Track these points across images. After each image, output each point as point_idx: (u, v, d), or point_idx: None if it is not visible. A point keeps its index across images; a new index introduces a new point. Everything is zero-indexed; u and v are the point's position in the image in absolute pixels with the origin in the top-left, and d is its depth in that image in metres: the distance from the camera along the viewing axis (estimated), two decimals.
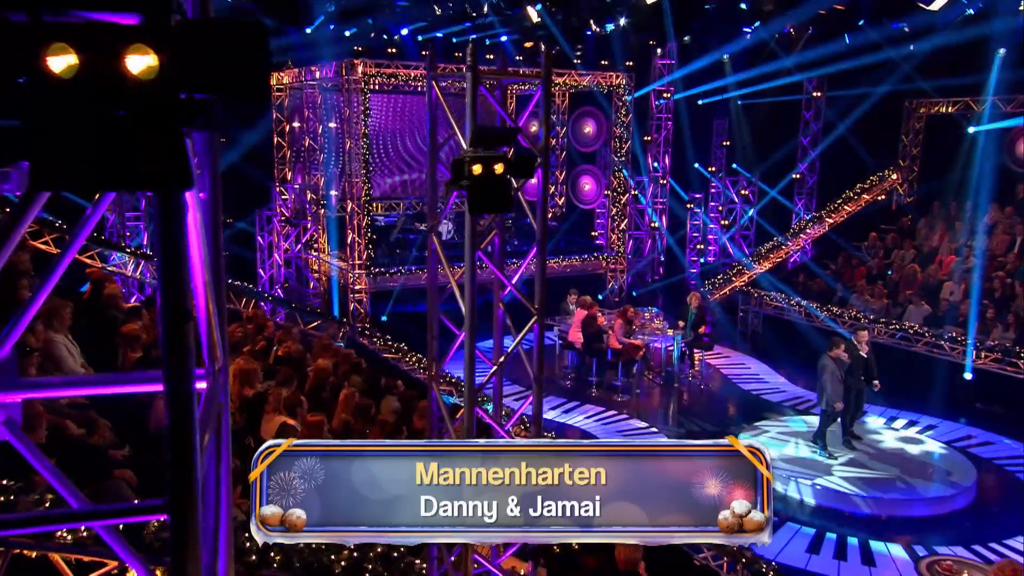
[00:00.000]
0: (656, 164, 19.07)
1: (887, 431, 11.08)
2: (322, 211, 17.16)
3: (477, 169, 3.14)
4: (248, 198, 15.97)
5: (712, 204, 19.59)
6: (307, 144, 17.49)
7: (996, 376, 12.10)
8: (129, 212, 13.58)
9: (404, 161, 20.06)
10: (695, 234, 19.59)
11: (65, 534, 3.78)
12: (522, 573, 5.99)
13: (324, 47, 16.56)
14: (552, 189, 20.53)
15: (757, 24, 13.17)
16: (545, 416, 11.84)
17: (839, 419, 10.07)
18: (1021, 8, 10.52)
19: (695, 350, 13.64)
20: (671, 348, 13.53)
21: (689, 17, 12.54)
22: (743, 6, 11.64)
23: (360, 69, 14.90)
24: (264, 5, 8.42)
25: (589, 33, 15.79)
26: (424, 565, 5.17)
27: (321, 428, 6.38)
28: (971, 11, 11.06)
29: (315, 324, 12.50)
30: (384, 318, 15.72)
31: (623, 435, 11.19)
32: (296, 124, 17.85)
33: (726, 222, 19.48)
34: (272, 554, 4.51)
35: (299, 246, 16.33)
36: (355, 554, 4.88)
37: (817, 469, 9.65)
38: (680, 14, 12.36)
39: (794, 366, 13.94)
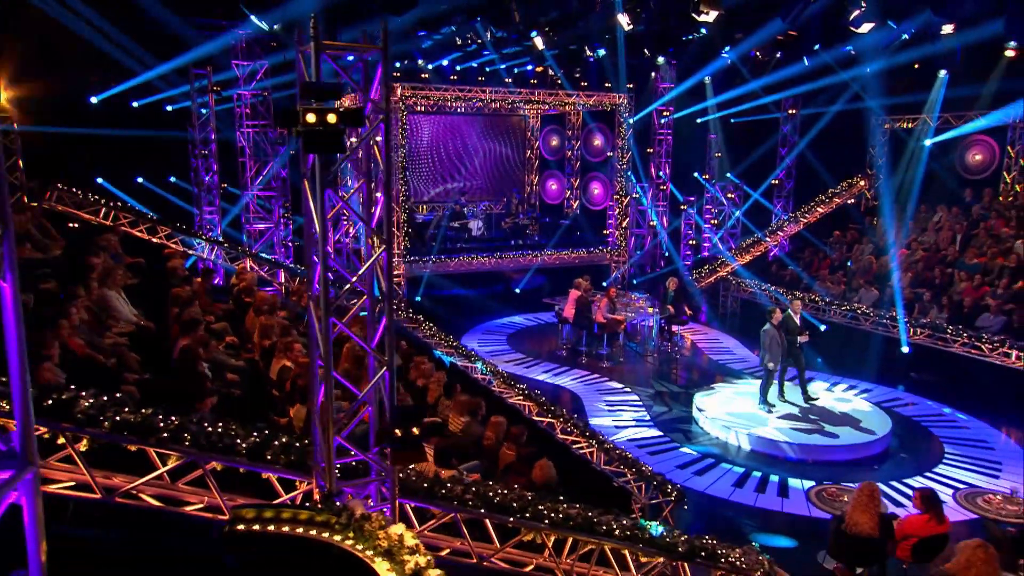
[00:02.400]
0: (661, 173, 19.34)
1: (827, 393, 11.23)
2: (373, 210, 17.92)
3: (311, 118, 3.55)
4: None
5: (707, 207, 19.78)
6: (359, 155, 18.23)
7: (929, 349, 12.11)
8: (207, 207, 14.54)
9: (448, 172, 20.85)
10: (688, 231, 19.80)
11: None
12: None
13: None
14: (568, 193, 21.01)
15: (728, 48, 13.31)
16: (539, 378, 12.43)
17: (777, 378, 10.33)
18: (944, 32, 10.46)
19: (672, 325, 13.91)
20: (651, 324, 13.88)
21: (665, 43, 12.76)
22: (704, 31, 11.80)
23: (399, 92, 15.57)
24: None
25: (592, 60, 16.12)
26: None
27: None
28: (906, 36, 11.06)
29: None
30: (418, 298, 16.40)
31: (603, 395, 11.60)
32: (352, 140, 18.62)
33: (715, 221, 19.63)
34: None
35: (348, 238, 17.13)
36: None
37: (756, 421, 9.92)
38: (657, 40, 12.59)
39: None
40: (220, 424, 3.90)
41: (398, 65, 18.40)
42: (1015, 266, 13.03)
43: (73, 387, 3.70)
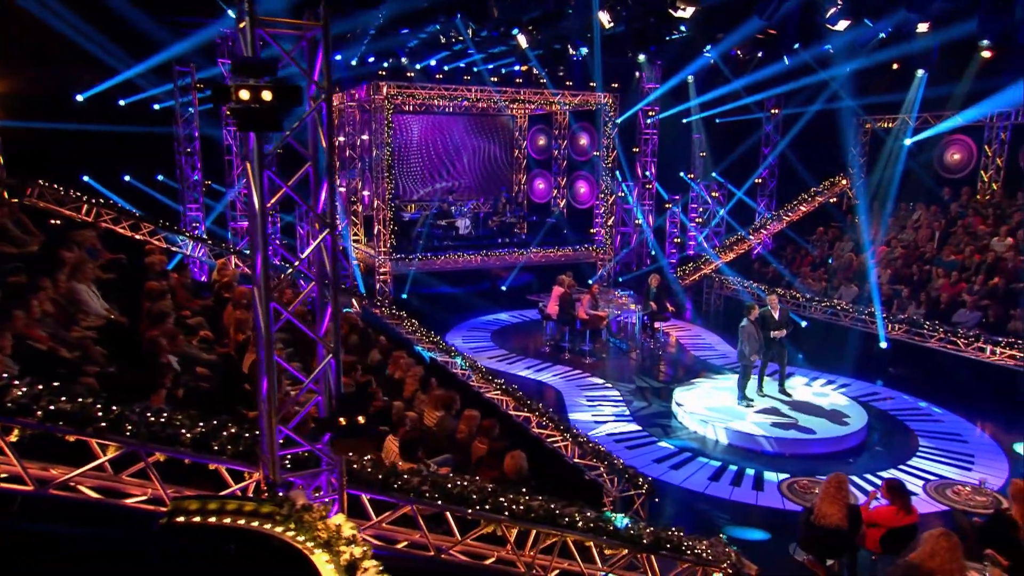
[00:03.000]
0: (647, 173, 19.22)
1: (805, 388, 11.12)
2: (359, 207, 17.82)
3: (245, 94, 3.38)
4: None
5: (692, 206, 19.69)
6: (348, 154, 18.12)
7: (906, 344, 12.03)
8: (191, 204, 14.36)
9: (437, 171, 20.72)
10: (673, 230, 19.70)
11: None
12: None
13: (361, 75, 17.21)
14: (554, 192, 20.89)
15: (709, 47, 13.20)
16: (521, 374, 12.27)
17: (756, 373, 10.23)
18: (919, 31, 10.37)
19: (655, 322, 13.80)
20: (635, 321, 13.77)
21: (646, 41, 12.62)
22: (684, 29, 11.68)
23: (384, 90, 15.44)
24: None
25: (576, 59, 15.98)
26: None
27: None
28: (883, 35, 10.96)
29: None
30: (404, 295, 16.24)
31: (584, 390, 11.47)
32: (341, 139, 18.49)
33: (700, 220, 19.54)
34: None
35: (341, 235, 17.01)
36: None
37: (734, 415, 9.80)
38: (637, 39, 12.46)
39: None
40: (164, 414, 3.75)
41: (385, 65, 18.29)
42: (991, 263, 12.96)
43: (6, 376, 3.55)
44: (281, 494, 3.31)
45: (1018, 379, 10.55)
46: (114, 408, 3.60)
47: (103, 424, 3.50)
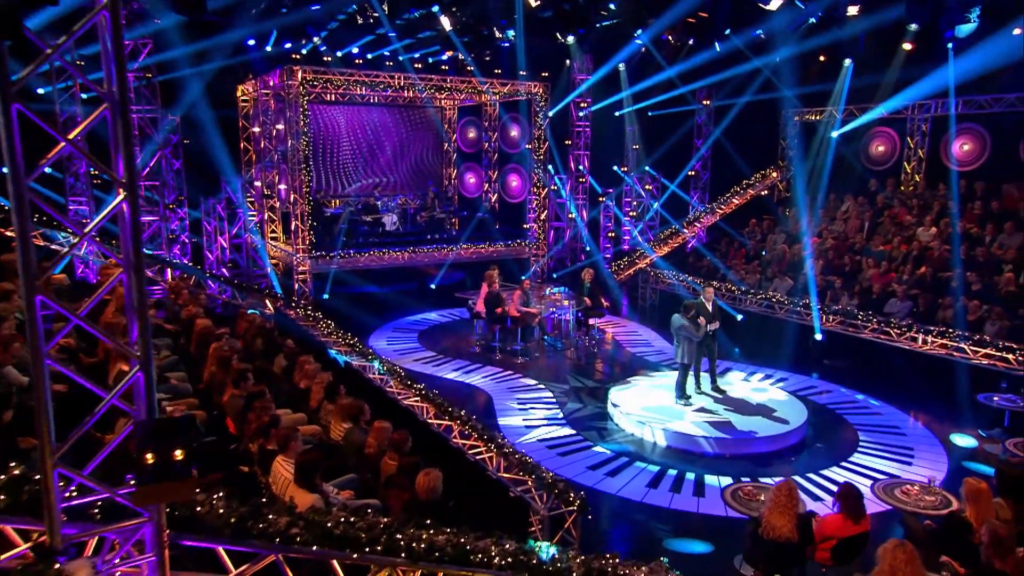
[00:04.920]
0: (581, 167, 18.65)
1: (743, 384, 10.69)
2: (276, 203, 16.58)
3: None
4: (202, 189, 15.33)
5: (626, 199, 19.27)
6: (263, 145, 16.82)
7: (841, 336, 11.79)
8: (76, 197, 12.87)
9: (363, 166, 19.61)
10: (607, 224, 19.25)
11: None
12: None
13: (275, 60, 15.99)
14: (486, 186, 20.09)
15: (640, 31, 12.66)
16: (448, 377, 11.39)
17: (693, 371, 9.69)
18: (849, 14, 10.07)
19: (590, 318, 13.17)
20: (568, 318, 13.11)
21: (574, 24, 11.98)
22: (612, 6, 11.07)
23: (299, 75, 14.28)
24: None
25: (505, 45, 15.23)
26: None
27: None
28: (813, 20, 10.63)
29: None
30: (325, 296, 15.12)
31: (515, 393, 10.70)
32: (255, 129, 17.17)
33: (634, 213, 19.13)
34: None
35: (246, 232, 15.73)
36: None
37: (672, 415, 9.22)
38: (566, 21, 11.80)
39: None
40: None
41: (304, 52, 17.10)
42: (918, 253, 12.92)
43: None
44: (59, 566, 2.39)
45: (949, 368, 10.39)
46: None
47: None
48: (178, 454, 2.49)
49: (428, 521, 3.95)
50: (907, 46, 13.89)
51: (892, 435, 9.16)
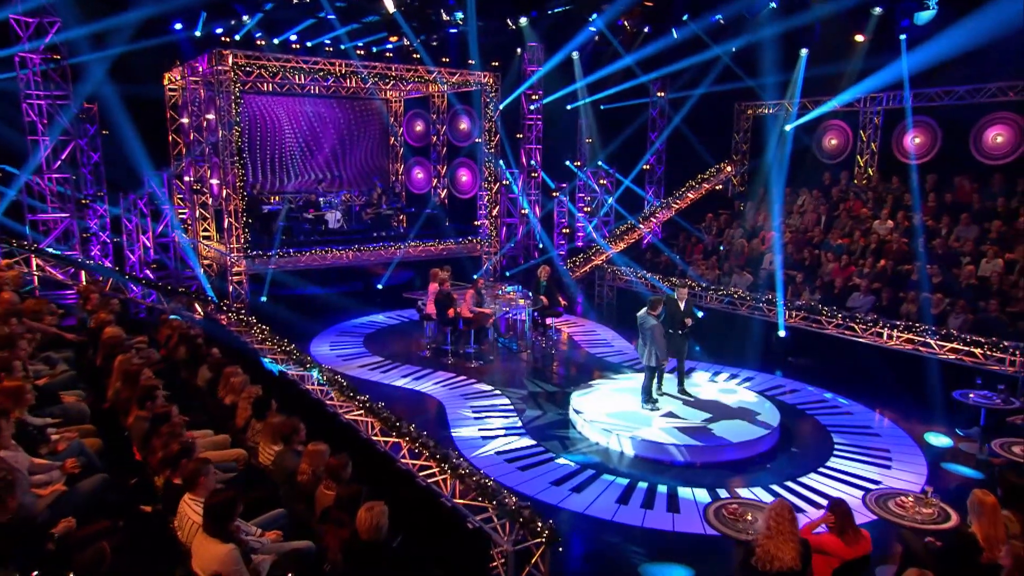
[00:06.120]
0: (533, 162, 17.90)
1: (710, 384, 10.14)
2: (208, 199, 15.29)
3: None
4: (122, 184, 13.96)
5: (579, 195, 18.65)
6: (192, 138, 15.49)
7: (803, 331, 11.38)
8: None
9: (305, 160, 18.45)
10: (561, 220, 18.59)
11: None
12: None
13: (204, 44, 14.69)
14: (434, 181, 19.16)
15: (595, 16, 11.98)
16: (396, 384, 10.46)
17: (656, 375, 9.05)
18: None
19: (546, 318, 12.46)
20: (524, 318, 12.35)
21: (527, 5, 11.21)
22: None
23: (230, 60, 13.09)
24: None
25: (453, 32, 14.35)
26: None
27: None
28: (773, 4, 10.14)
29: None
30: (263, 299, 13.96)
31: (469, 400, 9.88)
32: (184, 120, 15.82)
33: (588, 209, 18.54)
34: None
35: (174, 231, 14.42)
36: None
37: (639, 421, 8.56)
38: (518, 1, 11.02)
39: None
40: None
41: (237, 38, 15.82)
42: (877, 246, 12.67)
43: None
44: None
45: (914, 363, 10.06)
46: None
47: None
48: None
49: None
50: (859, 38, 13.67)
51: (866, 436, 8.72)
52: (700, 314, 12.62)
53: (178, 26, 14.92)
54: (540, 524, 4.88)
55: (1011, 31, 11.01)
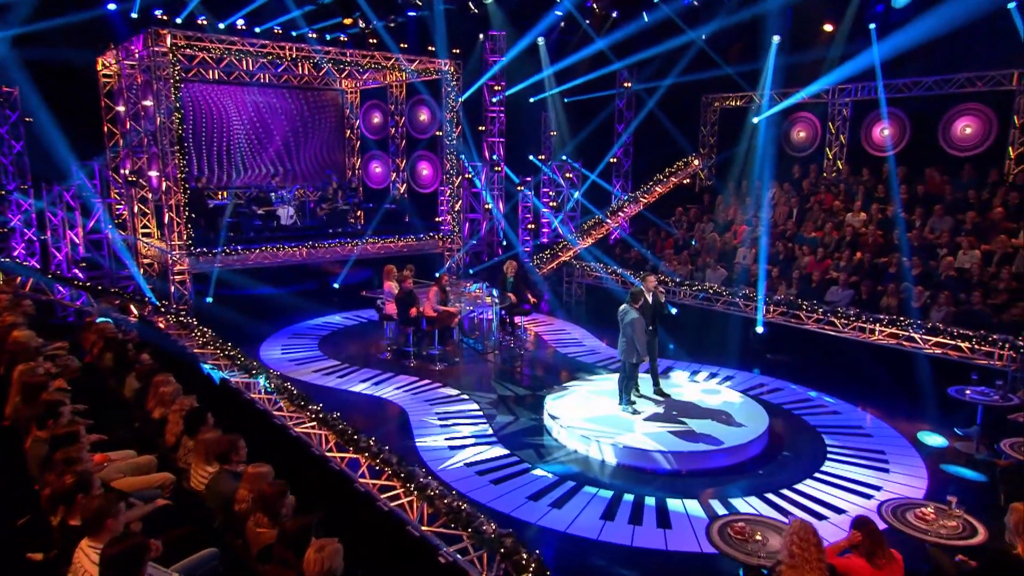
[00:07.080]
0: (495, 156, 17.11)
1: (690, 384, 9.53)
2: (148, 193, 14.08)
3: None
4: (47, 175, 12.69)
5: (544, 189, 17.94)
6: (128, 126, 14.24)
7: (783, 327, 10.88)
8: None
9: (255, 153, 17.29)
10: (526, 215, 17.85)
11: None
12: None
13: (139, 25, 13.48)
14: (393, 175, 18.21)
15: None
16: (354, 390, 9.53)
17: (637, 373, 8.38)
18: None
19: (514, 316, 11.70)
20: (491, 316, 11.57)
21: None
22: None
23: (168, 40, 11.96)
24: None
25: (412, 13, 13.46)
26: None
27: None
28: None
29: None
30: (208, 299, 12.84)
31: (434, 406, 9.05)
32: (120, 108, 14.55)
33: (554, 204, 17.84)
34: None
35: (107, 227, 13.17)
36: None
37: (620, 427, 7.87)
38: None
39: (611, 329, 12.32)
40: None
41: (178, 21, 14.61)
42: (851, 238, 12.30)
43: None
44: None
45: (897, 358, 9.64)
46: None
47: None
48: None
49: None
50: (828, 27, 13.34)
51: (858, 437, 8.21)
52: (674, 311, 12.07)
53: (112, 6, 13.67)
54: (525, 555, 4.12)
55: (982, 16, 10.76)
